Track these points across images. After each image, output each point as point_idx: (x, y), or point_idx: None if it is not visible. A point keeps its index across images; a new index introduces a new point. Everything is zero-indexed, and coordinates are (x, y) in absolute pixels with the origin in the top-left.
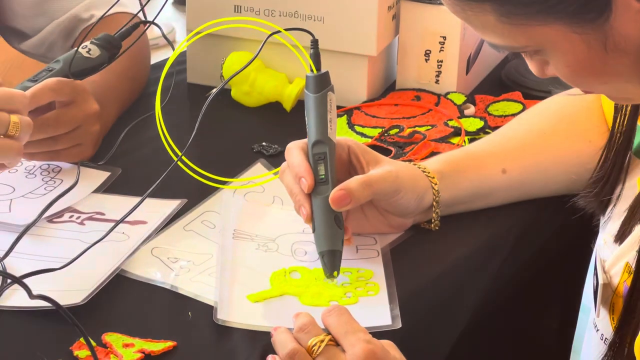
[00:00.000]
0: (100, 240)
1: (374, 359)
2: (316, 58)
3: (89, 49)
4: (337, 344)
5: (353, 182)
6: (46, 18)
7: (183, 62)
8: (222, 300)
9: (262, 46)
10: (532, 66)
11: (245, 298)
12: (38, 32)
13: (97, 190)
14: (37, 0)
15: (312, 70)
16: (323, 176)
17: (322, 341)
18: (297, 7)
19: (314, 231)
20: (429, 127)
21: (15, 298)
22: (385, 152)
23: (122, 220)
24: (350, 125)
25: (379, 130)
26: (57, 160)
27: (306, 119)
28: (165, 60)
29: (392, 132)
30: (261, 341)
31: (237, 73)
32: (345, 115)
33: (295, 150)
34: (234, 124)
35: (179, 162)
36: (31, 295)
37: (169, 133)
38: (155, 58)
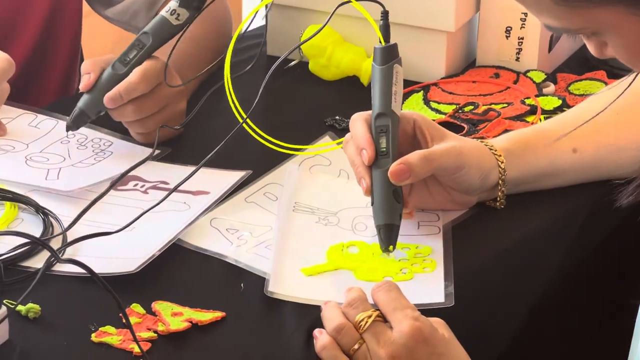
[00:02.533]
0: (153, 207)
1: (420, 336)
2: (385, 30)
3: (178, 14)
4: (385, 321)
5: (413, 156)
6: None
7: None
8: (275, 272)
9: (330, 17)
10: (591, 47)
11: (299, 271)
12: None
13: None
14: None
15: (380, 42)
16: (384, 149)
17: (369, 317)
18: None
19: (372, 204)
20: (505, 105)
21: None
22: (458, 129)
23: (176, 189)
24: (426, 101)
25: (454, 107)
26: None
27: (372, 91)
28: (251, 31)
29: (467, 109)
30: (310, 315)
31: (301, 44)
32: (422, 91)
33: (358, 122)
34: (310, 97)
35: (244, 125)
36: (59, 259)
37: (243, 104)
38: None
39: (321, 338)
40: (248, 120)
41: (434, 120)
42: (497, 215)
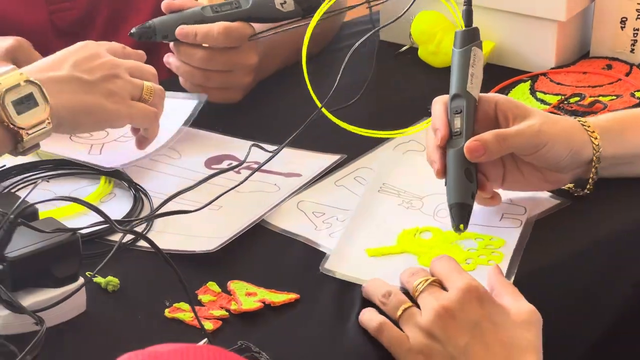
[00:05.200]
0: (236, 187)
1: (475, 293)
2: (467, 15)
3: (285, 2)
4: (443, 288)
5: (488, 134)
6: None
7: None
8: (337, 250)
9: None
10: None
11: (364, 251)
12: None
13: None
14: None
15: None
16: (458, 130)
17: (426, 280)
18: None
19: (446, 185)
20: (614, 97)
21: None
22: None
23: (258, 169)
24: (532, 91)
25: (560, 97)
26: (204, 93)
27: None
28: (362, 17)
29: (572, 100)
30: None
31: (386, 25)
32: (530, 81)
33: (437, 104)
34: (416, 83)
35: (323, 109)
36: (120, 230)
37: (352, 87)
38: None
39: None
40: (323, 109)
41: None
42: (583, 213)
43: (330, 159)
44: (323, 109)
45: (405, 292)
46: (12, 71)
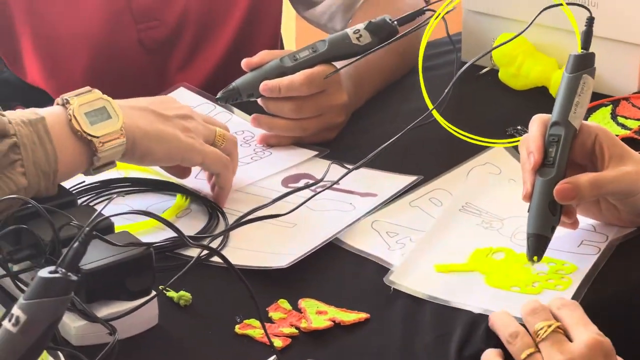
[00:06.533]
0: (306, 202)
1: (600, 350)
2: (586, 37)
3: (360, 35)
4: (566, 335)
5: (583, 178)
6: None
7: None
8: (404, 263)
9: (530, 24)
10: None
11: (432, 266)
12: (322, 1)
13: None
14: None
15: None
16: (551, 159)
17: (549, 326)
18: None
19: (528, 211)
20: None
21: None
22: None
23: (335, 183)
24: (613, 116)
25: None
26: (299, 140)
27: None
28: (443, 38)
29: None
30: (456, 321)
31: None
32: (611, 105)
33: (536, 124)
34: (496, 105)
35: (433, 112)
36: (193, 245)
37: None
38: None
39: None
40: (434, 111)
41: (617, 135)
42: None
43: (406, 180)
44: (434, 112)
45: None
46: (89, 91)
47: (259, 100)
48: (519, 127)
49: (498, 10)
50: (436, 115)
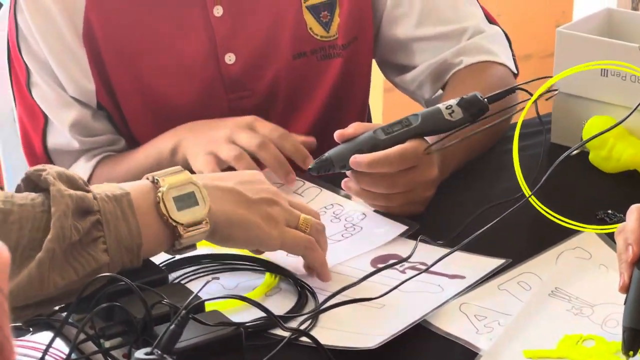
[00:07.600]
0: (400, 285)
1: None
2: None
3: (452, 111)
4: None
5: None
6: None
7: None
8: (492, 349)
9: (631, 113)
10: None
11: (520, 352)
12: (414, 69)
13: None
14: (412, 37)
15: None
16: None
17: None
18: None
19: (625, 303)
20: None
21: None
22: None
23: (428, 269)
24: None
25: None
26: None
27: None
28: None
29: None
30: None
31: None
32: None
33: (634, 215)
34: (586, 187)
35: (531, 199)
36: (285, 328)
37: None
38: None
39: None
40: (532, 197)
41: None
42: None
43: (494, 262)
44: (532, 198)
45: None
46: (179, 172)
47: (349, 173)
48: (609, 212)
49: (591, 93)
50: (533, 201)
